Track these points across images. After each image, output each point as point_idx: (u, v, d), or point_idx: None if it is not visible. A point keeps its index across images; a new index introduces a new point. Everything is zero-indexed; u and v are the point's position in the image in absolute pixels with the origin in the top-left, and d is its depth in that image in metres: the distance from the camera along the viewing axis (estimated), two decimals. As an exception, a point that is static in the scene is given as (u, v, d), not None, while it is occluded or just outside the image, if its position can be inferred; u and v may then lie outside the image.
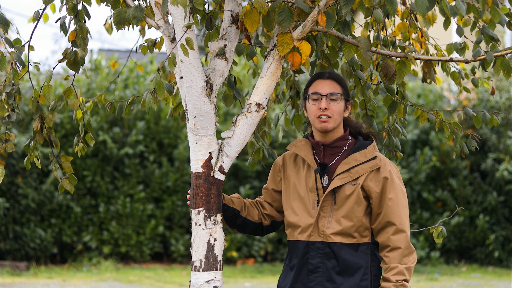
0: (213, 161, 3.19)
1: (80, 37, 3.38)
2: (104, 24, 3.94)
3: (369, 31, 3.87)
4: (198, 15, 3.50)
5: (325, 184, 3.19)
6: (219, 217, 3.19)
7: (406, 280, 3.09)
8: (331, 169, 3.20)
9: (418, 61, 3.65)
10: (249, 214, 3.34)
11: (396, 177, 3.19)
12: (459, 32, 3.43)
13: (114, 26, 3.55)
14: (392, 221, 3.13)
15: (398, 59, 3.29)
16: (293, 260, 3.22)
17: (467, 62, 3.31)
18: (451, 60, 3.33)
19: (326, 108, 3.17)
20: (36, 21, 3.42)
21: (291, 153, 3.33)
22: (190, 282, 3.19)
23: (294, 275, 3.19)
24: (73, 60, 3.44)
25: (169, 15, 3.21)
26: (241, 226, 3.35)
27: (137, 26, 3.72)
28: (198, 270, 3.16)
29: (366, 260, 3.15)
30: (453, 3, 3.05)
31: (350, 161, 3.17)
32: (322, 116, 3.18)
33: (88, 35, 3.41)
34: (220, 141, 3.24)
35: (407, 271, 3.10)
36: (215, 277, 3.17)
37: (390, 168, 3.18)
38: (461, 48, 3.47)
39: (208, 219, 3.17)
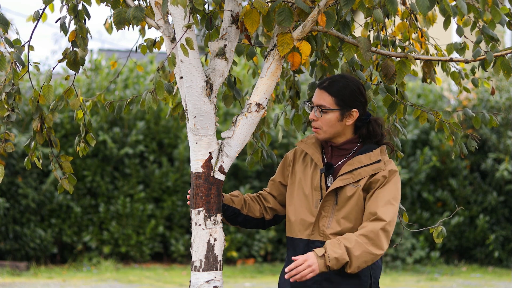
0: (213, 161, 3.19)
1: (80, 37, 3.38)
2: (104, 24, 3.93)
3: (369, 31, 3.87)
4: (198, 15, 3.50)
5: (329, 184, 3.19)
6: (219, 217, 3.19)
7: (347, 248, 2.97)
8: (337, 170, 3.19)
9: (418, 61, 3.65)
10: (250, 211, 3.34)
11: (394, 180, 3.14)
12: (459, 32, 3.43)
13: (114, 26, 3.55)
14: (375, 211, 3.06)
15: (398, 59, 3.29)
16: (291, 257, 3.22)
17: (467, 62, 3.31)
18: (451, 60, 3.33)
19: (313, 119, 3.19)
20: (36, 21, 3.42)
21: (302, 149, 3.33)
22: (190, 282, 3.19)
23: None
24: (73, 60, 3.44)
25: (169, 15, 3.21)
26: (243, 223, 3.37)
27: (137, 26, 3.72)
28: (198, 270, 3.16)
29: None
30: (454, 3, 3.05)
31: (354, 162, 3.16)
32: (313, 126, 3.20)
33: (88, 35, 3.41)
34: (220, 141, 3.24)
35: (357, 246, 2.96)
36: (215, 277, 3.16)
37: (392, 170, 3.16)
38: (461, 48, 3.47)
39: (208, 219, 3.17)
